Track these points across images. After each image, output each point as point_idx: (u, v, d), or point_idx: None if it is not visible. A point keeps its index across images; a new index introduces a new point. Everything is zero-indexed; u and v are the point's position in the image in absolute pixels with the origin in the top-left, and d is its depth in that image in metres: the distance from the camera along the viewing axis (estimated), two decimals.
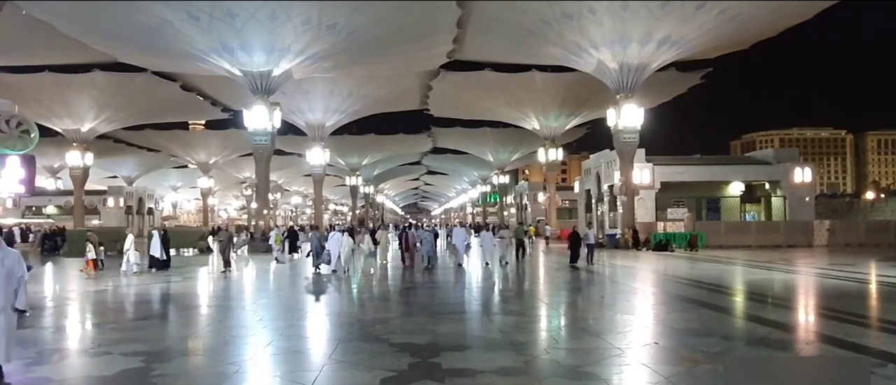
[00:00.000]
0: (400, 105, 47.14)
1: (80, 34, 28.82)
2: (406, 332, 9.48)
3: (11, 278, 6.58)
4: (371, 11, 27.09)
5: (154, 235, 21.86)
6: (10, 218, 50.70)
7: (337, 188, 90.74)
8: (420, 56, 33.97)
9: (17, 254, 6.84)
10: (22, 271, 6.70)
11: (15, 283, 6.62)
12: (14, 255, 6.76)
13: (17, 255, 6.81)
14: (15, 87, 32.12)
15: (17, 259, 6.76)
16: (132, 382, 6.74)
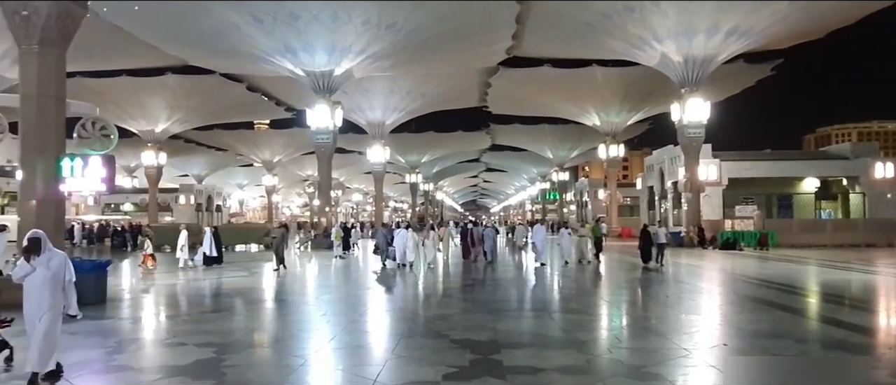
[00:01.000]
0: (458, 102, 47.22)
1: (155, 39, 30.17)
2: (466, 329, 9.50)
3: (58, 281, 6.36)
4: (430, 10, 27.24)
5: (206, 233, 22.64)
6: (90, 214, 53.73)
7: (397, 185, 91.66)
8: (479, 53, 33.93)
9: (63, 255, 6.58)
10: (70, 274, 6.48)
11: (62, 287, 6.41)
12: (60, 256, 6.51)
13: (63, 256, 6.55)
14: (95, 91, 33.84)
15: (64, 261, 6.50)
16: (206, 372, 7.01)
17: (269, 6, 26.36)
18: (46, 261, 6.30)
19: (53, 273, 6.31)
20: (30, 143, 12.42)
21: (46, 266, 6.28)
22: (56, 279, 6.33)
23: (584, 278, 17.51)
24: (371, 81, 38.70)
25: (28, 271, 6.25)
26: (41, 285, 6.23)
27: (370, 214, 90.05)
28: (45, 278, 6.26)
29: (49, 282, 6.27)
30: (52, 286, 6.29)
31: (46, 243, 6.37)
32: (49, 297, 6.26)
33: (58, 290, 6.35)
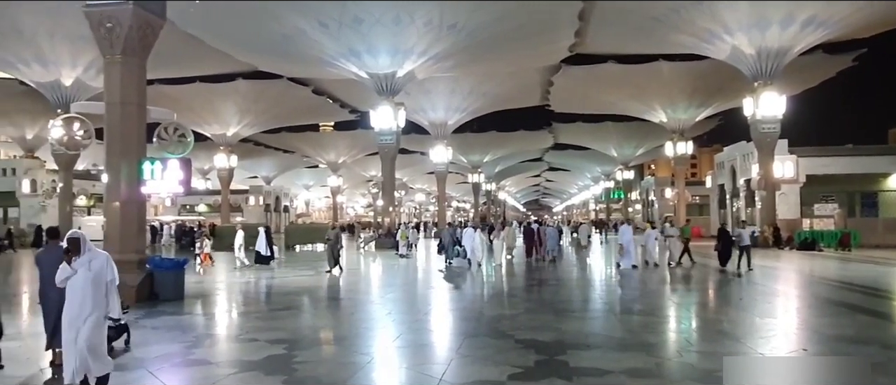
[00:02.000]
0: (520, 101, 46.89)
1: (227, 46, 31.37)
2: (531, 329, 9.44)
3: (100, 283, 6.07)
4: (492, 9, 27.17)
5: (260, 232, 23.23)
6: (168, 215, 56.38)
7: (459, 185, 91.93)
8: (541, 51, 33.60)
9: (105, 256, 6.25)
10: (112, 275, 6.19)
11: (104, 289, 6.12)
12: (102, 257, 6.20)
13: (105, 256, 6.23)
14: (172, 97, 35.46)
15: (106, 261, 6.19)
16: (278, 367, 7.24)
17: (334, 11, 26.94)
18: (87, 262, 6.02)
19: (95, 274, 6.03)
20: (114, 147, 13.15)
21: (88, 267, 6.01)
22: (98, 281, 6.05)
23: (657, 281, 17.06)
24: (433, 82, 38.96)
25: (69, 274, 5.98)
26: (83, 287, 5.96)
27: (433, 214, 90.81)
28: (86, 280, 5.98)
29: (90, 284, 5.99)
30: (94, 288, 6.00)
31: (87, 244, 6.12)
32: (91, 299, 5.97)
33: (100, 292, 6.06)
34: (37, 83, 32.45)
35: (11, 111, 42.99)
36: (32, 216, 42.22)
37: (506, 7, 26.92)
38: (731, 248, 19.37)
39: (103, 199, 15.20)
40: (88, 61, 30.35)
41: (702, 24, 28.66)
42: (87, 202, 49.88)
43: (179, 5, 16.47)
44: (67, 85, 31.90)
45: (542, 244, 23.29)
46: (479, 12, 27.31)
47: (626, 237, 19.96)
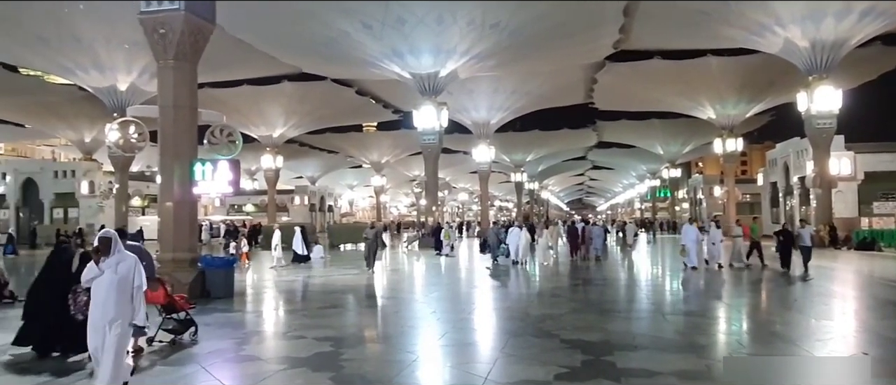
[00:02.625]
0: (564, 100, 46.44)
1: (273, 49, 32.02)
2: (577, 329, 9.34)
3: (125, 287, 5.80)
4: (534, 8, 26.99)
5: (296, 232, 23.55)
6: (217, 215, 57.89)
7: (502, 185, 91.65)
8: (584, 49, 33.21)
9: (133, 258, 5.98)
10: (140, 280, 5.93)
11: (130, 294, 5.84)
12: (130, 259, 5.92)
13: (133, 259, 5.95)
14: (221, 100, 36.38)
15: (134, 265, 5.91)
16: (325, 364, 7.35)
17: (377, 12, 27.20)
18: (115, 263, 5.76)
19: (121, 277, 5.75)
20: (167, 149, 13.57)
21: (114, 270, 5.74)
22: (123, 284, 5.76)
23: (712, 281, 16.66)
24: (475, 82, 38.94)
25: (95, 274, 5.74)
26: (107, 290, 5.70)
27: (475, 214, 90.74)
28: (112, 283, 5.72)
29: (115, 287, 5.72)
30: (118, 292, 5.72)
31: (118, 245, 5.89)
32: (114, 304, 5.69)
33: (125, 296, 5.78)
34: (94, 88, 33.73)
35: (71, 115, 44.95)
36: (91, 216, 43.92)
37: (549, 5, 26.71)
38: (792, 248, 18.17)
39: (157, 199, 15.69)
40: (142, 66, 31.41)
41: (753, 16, 27.84)
42: (142, 202, 51.61)
43: (228, 10, 16.87)
44: (123, 90, 33.07)
45: (586, 243, 23.19)
46: (521, 11, 27.17)
47: (691, 237, 18.91)
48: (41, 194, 45.68)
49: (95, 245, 5.85)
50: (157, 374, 7.08)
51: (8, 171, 46.89)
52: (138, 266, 5.99)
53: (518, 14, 27.44)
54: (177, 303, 8.84)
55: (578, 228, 24.09)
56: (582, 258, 22.95)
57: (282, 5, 25.68)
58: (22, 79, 39.17)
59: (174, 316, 8.71)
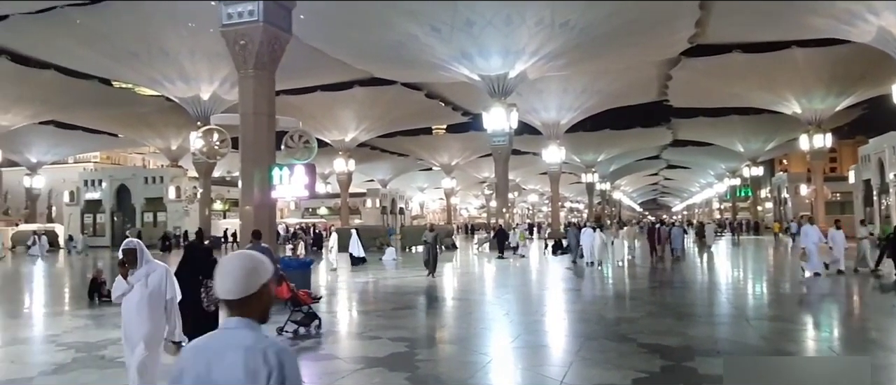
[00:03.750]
0: (636, 98, 45.27)
1: (344, 56, 32.81)
2: (655, 333, 9.09)
3: (157, 301, 5.24)
4: (605, 5, 26.47)
5: (352, 234, 23.83)
6: (292, 218, 59.79)
7: (572, 185, 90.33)
8: (658, 45, 32.26)
9: (164, 269, 5.36)
10: (172, 292, 5.33)
11: (163, 307, 5.28)
12: (160, 270, 5.33)
13: (163, 269, 5.35)
14: (296, 107, 37.58)
15: (164, 275, 5.32)
16: (401, 365, 7.46)
17: (445, 15, 27.39)
18: (145, 276, 5.24)
19: (151, 290, 5.22)
20: (248, 155, 14.15)
21: (144, 283, 5.22)
22: (155, 298, 5.24)
23: (811, 285, 15.85)
24: (545, 82, 38.55)
25: (124, 290, 5.24)
26: (138, 306, 5.19)
27: (546, 215, 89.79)
28: (142, 297, 5.20)
29: (146, 302, 5.19)
30: (151, 307, 5.20)
31: (144, 255, 5.32)
32: (147, 320, 5.17)
33: (157, 311, 5.24)
34: (180, 98, 35.60)
35: (159, 125, 47.71)
36: (177, 220, 46.32)
37: (620, 2, 26.13)
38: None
39: (238, 203, 16.37)
40: (223, 76, 32.90)
41: (842, 4, 26.27)
42: (223, 206, 54.01)
43: (302, 20, 17.44)
44: (205, 99, 34.74)
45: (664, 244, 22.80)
46: (592, 8, 26.69)
47: (812, 239, 16.84)
48: (133, 199, 48.55)
49: (120, 258, 5.28)
50: None
51: (104, 178, 50.10)
52: (170, 276, 5.38)
53: (588, 12, 26.97)
54: (300, 298, 9.86)
55: (657, 229, 23.70)
56: (659, 259, 22.45)
57: (353, 13, 26.29)
58: (115, 91, 41.83)
59: (300, 309, 9.77)
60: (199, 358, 2.09)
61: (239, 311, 2.12)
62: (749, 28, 31.00)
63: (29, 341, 9.63)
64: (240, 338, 2.07)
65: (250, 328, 2.10)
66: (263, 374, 1.99)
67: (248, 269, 2.14)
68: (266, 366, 2.01)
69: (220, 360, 2.04)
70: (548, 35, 28.73)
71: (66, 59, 33.51)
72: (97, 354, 8.21)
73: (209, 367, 2.05)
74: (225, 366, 2.02)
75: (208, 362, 2.06)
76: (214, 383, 2.03)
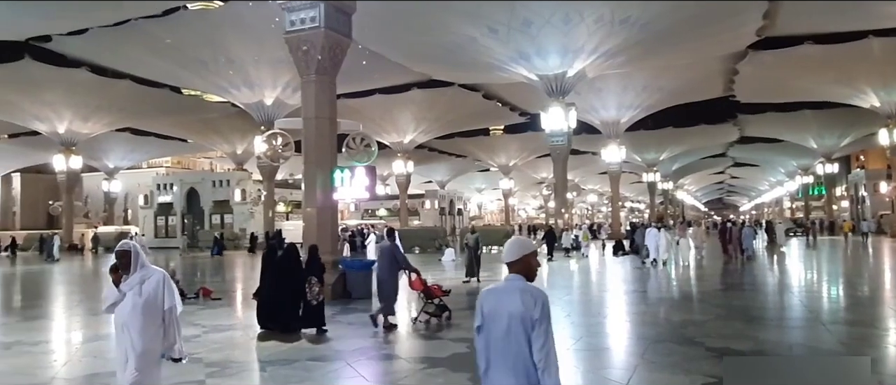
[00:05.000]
0: (700, 94, 43.88)
1: (402, 59, 33.19)
2: (723, 337, 8.80)
3: (152, 311, 4.58)
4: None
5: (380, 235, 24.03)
6: (352, 219, 60.81)
7: (633, 185, 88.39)
8: (723, 39, 31.18)
9: (161, 275, 4.71)
10: (171, 301, 4.67)
11: (159, 318, 4.62)
12: (157, 275, 4.69)
13: (160, 276, 4.69)
14: (356, 110, 38.23)
15: (162, 283, 4.66)
16: (463, 365, 7.47)
17: (503, 16, 27.31)
18: (138, 283, 4.59)
19: (146, 300, 4.57)
20: (310, 158, 14.49)
21: (138, 291, 4.58)
22: (149, 308, 4.57)
23: (877, 288, 15.06)
24: (604, 80, 37.90)
25: (114, 299, 4.62)
26: (129, 317, 4.54)
27: (605, 215, 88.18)
28: (135, 307, 4.54)
29: (139, 312, 4.53)
30: (144, 319, 4.53)
31: (140, 259, 4.66)
32: (138, 333, 4.50)
33: (152, 323, 4.57)
34: (244, 104, 36.83)
35: (225, 130, 49.54)
36: (243, 222, 47.89)
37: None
38: None
39: (300, 205, 16.79)
40: (285, 82, 33.85)
41: None
42: (286, 208, 55.44)
43: (361, 24, 17.71)
44: (269, 104, 35.81)
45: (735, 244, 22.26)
46: (653, 4, 26.05)
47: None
48: (202, 202, 50.47)
49: (112, 263, 4.69)
50: (306, 368, 7.57)
51: (175, 183, 52.31)
52: (167, 283, 4.72)
53: (650, 7, 26.34)
54: (433, 291, 10.64)
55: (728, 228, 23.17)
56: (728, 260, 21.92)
57: (410, 16, 26.55)
58: (184, 99, 43.66)
59: (433, 301, 10.55)
60: (491, 296, 3.40)
61: (515, 270, 3.38)
62: (822, 18, 29.63)
63: (108, 338, 10.15)
64: (516, 284, 3.34)
65: (521, 280, 3.34)
66: (531, 303, 3.24)
67: (521, 243, 3.47)
68: (533, 299, 3.26)
69: (505, 296, 3.33)
70: (607, 32, 28.24)
71: (140, 69, 35.23)
72: None
73: (498, 300, 3.35)
74: (508, 299, 3.30)
75: (498, 298, 3.36)
76: (504, 307, 3.29)
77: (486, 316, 3.35)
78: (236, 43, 30.56)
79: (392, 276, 10.49)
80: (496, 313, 3.30)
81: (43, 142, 45.58)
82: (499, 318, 3.29)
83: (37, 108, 39.41)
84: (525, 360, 3.21)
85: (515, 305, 3.25)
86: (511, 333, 3.24)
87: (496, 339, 3.29)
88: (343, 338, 9.36)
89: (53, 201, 54.88)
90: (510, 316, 3.24)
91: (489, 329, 3.33)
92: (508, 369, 3.24)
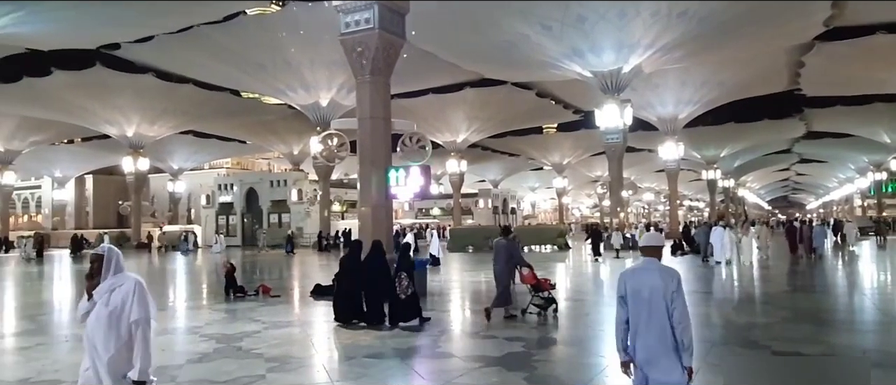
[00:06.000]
0: (763, 88, 42.24)
1: (455, 58, 33.24)
2: (791, 340, 8.45)
3: (118, 323, 3.96)
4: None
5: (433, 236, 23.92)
6: (406, 219, 61.35)
7: (691, 183, 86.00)
8: (788, 30, 29.95)
9: (133, 283, 4.06)
10: (139, 313, 3.98)
11: (126, 331, 3.98)
12: (129, 283, 4.05)
13: (133, 284, 4.05)
14: (409, 110, 38.52)
15: (133, 290, 4.02)
16: (518, 365, 7.43)
17: (556, 12, 27.00)
18: (107, 292, 4.02)
19: (112, 310, 3.97)
20: (366, 158, 14.66)
21: (105, 300, 4.00)
22: (114, 320, 3.97)
23: None
24: (661, 75, 36.98)
25: (86, 308, 4.07)
26: (93, 329, 3.99)
27: (662, 214, 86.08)
28: (99, 318, 3.98)
29: (103, 324, 3.96)
30: (107, 330, 3.95)
31: (115, 264, 4.08)
32: (102, 348, 3.94)
33: (115, 335, 3.96)
34: (301, 106, 37.65)
35: (282, 131, 50.81)
36: (300, 221, 48.97)
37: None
38: None
39: (355, 204, 17.03)
40: (340, 83, 34.43)
41: None
42: (341, 208, 56.40)
43: (414, 24, 17.83)
44: (324, 105, 36.50)
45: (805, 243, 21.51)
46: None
47: None
48: (260, 202, 51.88)
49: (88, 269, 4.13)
50: (362, 365, 7.67)
51: (235, 183, 53.95)
52: (139, 292, 4.04)
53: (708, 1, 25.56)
54: (542, 284, 11.05)
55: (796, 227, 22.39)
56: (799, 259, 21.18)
57: (463, 15, 26.56)
58: (243, 101, 44.98)
59: (541, 295, 10.95)
60: (633, 275, 4.32)
61: (652, 255, 4.37)
62: (894, 6, 28.06)
63: (175, 332, 10.55)
64: (654, 266, 4.31)
65: (656, 262, 4.34)
66: (669, 279, 4.17)
67: (656, 237, 4.57)
68: (670, 276, 4.20)
69: (646, 273, 4.27)
70: (664, 26, 27.56)
71: (202, 74, 36.50)
72: (235, 346, 8.85)
73: (640, 277, 4.26)
74: (648, 276, 4.23)
75: (639, 275, 4.28)
76: (645, 283, 4.19)
77: (629, 290, 4.23)
78: (292, 46, 31.29)
79: (507, 271, 11.12)
80: (639, 287, 4.19)
81: (113, 145, 47.90)
82: (642, 291, 4.16)
83: (107, 112, 41.37)
84: (665, 323, 4.09)
85: (655, 281, 4.15)
86: (653, 303, 4.12)
87: (640, 307, 4.16)
88: (398, 336, 9.44)
89: (123, 201, 57.48)
90: (652, 289, 4.14)
91: (633, 300, 4.20)
92: (652, 330, 4.11)
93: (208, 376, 7.11)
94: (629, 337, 4.23)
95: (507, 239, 11.64)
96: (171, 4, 25.30)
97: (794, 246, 22.26)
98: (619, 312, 4.27)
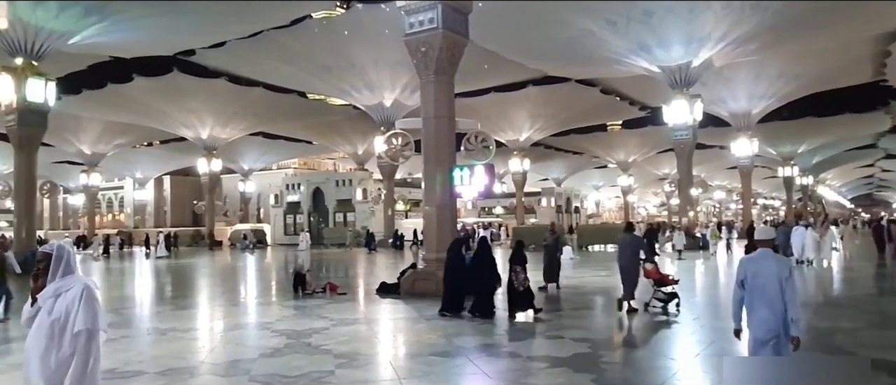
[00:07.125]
0: (844, 80, 40.04)
1: (518, 56, 33.06)
2: (879, 347, 7.98)
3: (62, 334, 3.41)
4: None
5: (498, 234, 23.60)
6: (469, 217, 61.43)
7: (766, 181, 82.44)
8: (871, 17, 28.24)
9: (81, 287, 3.48)
10: (85, 324, 3.39)
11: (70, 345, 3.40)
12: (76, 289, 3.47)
13: (80, 289, 3.47)
14: (472, 108, 38.59)
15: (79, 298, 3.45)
16: (585, 366, 7.31)
17: (622, 8, 26.45)
18: (52, 296, 3.49)
19: (55, 319, 3.44)
20: (430, 157, 14.78)
21: (49, 307, 3.48)
22: (57, 329, 3.43)
23: None
24: (733, 69, 35.64)
25: (29, 314, 3.56)
26: (31, 341, 3.50)
27: (735, 213, 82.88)
28: (40, 328, 3.46)
29: (44, 334, 3.44)
30: (47, 343, 3.42)
31: (65, 264, 3.53)
32: (37, 363, 3.41)
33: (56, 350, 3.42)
34: (365, 106, 38.34)
35: (347, 131, 51.85)
36: (365, 220, 49.79)
37: None
38: None
39: (419, 203, 17.18)
40: (404, 83, 34.84)
41: None
42: (404, 207, 57.06)
43: (477, 23, 17.82)
44: (388, 105, 37.02)
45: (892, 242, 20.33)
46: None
47: None
48: (326, 201, 53.10)
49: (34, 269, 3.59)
50: (429, 363, 7.72)
51: (302, 183, 55.41)
52: (87, 298, 3.47)
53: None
54: (666, 279, 11.36)
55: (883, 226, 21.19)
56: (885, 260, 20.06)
57: (526, 13, 26.36)
58: (310, 103, 46.18)
59: (662, 289, 11.24)
60: (752, 262, 5.28)
61: (765, 246, 5.30)
62: None
63: (247, 327, 10.93)
64: (770, 255, 5.26)
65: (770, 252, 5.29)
66: (783, 266, 5.17)
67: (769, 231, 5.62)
68: (784, 264, 5.20)
69: (763, 261, 5.22)
70: (736, 18, 26.56)
71: (271, 77, 37.71)
72: (304, 341, 9.09)
73: (759, 264, 5.21)
74: (766, 263, 5.19)
75: (758, 263, 5.24)
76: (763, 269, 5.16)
77: (749, 274, 5.20)
78: (357, 48, 31.88)
79: (634, 265, 11.48)
80: (759, 272, 5.15)
81: (188, 147, 50.12)
82: (760, 276, 5.13)
83: (183, 115, 43.33)
84: (778, 302, 5.04)
85: (772, 267, 5.13)
86: (769, 285, 5.08)
87: (758, 289, 5.13)
88: (464, 334, 9.47)
89: (197, 201, 60.01)
90: (769, 274, 5.09)
91: (752, 283, 5.17)
92: (767, 307, 5.09)
93: (280, 371, 7.32)
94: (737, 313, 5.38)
95: (631, 235, 12.27)
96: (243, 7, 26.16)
97: (881, 245, 21.04)
98: (736, 292, 5.32)
